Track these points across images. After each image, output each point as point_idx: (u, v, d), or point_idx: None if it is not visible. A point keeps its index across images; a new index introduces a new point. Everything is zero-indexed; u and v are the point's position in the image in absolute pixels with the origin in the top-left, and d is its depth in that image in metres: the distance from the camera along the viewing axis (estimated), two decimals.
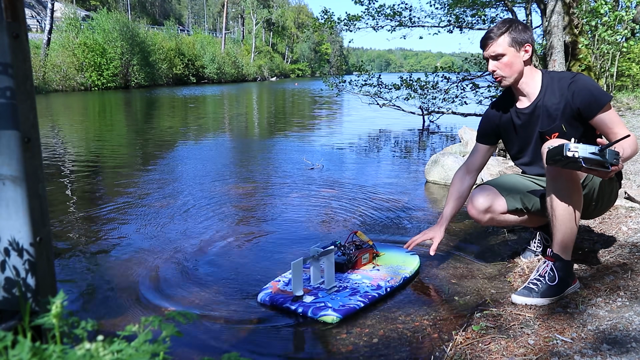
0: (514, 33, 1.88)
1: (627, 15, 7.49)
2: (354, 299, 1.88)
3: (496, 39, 1.90)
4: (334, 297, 1.90)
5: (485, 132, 2.16)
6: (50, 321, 0.62)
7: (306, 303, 1.85)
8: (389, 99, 9.20)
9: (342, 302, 1.85)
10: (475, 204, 2.03)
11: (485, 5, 9.36)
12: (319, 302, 1.85)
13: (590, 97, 1.79)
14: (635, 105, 7.44)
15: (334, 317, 1.76)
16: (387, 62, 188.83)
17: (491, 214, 2.02)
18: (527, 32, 1.90)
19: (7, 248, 0.84)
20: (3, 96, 0.79)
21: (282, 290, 1.94)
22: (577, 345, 1.41)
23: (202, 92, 23.99)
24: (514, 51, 1.90)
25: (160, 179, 4.31)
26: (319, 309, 1.80)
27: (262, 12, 62.22)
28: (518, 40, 1.89)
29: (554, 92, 1.88)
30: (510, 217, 2.06)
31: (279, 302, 1.87)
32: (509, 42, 1.89)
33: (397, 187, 3.98)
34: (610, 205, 2.01)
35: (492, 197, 2.01)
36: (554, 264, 1.78)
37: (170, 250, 2.55)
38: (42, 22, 31.12)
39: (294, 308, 1.83)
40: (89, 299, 2.00)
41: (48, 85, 23.28)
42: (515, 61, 1.91)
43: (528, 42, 1.89)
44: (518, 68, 1.92)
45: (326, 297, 1.89)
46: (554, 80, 1.90)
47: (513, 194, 2.02)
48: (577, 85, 1.82)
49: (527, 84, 1.94)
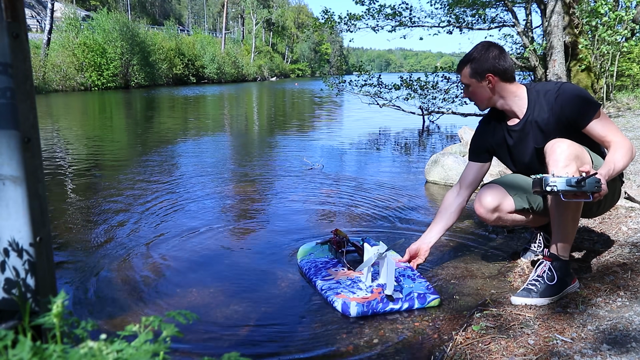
0: (475, 64, 1.90)
1: (627, 15, 7.49)
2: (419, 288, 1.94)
3: (461, 70, 1.95)
4: (411, 286, 1.95)
5: (478, 150, 2.13)
6: (50, 321, 0.62)
7: (403, 298, 1.86)
8: (389, 99, 9.20)
9: (422, 287, 1.94)
10: (483, 202, 2.00)
11: (485, 5, 9.36)
12: (410, 294, 1.88)
13: (579, 107, 1.79)
14: (635, 105, 7.45)
15: (437, 299, 1.88)
16: (387, 62, 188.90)
17: (499, 213, 2.01)
18: (489, 62, 1.87)
19: (7, 248, 0.84)
20: (3, 96, 0.79)
21: (364, 298, 1.86)
22: (577, 345, 1.41)
23: (202, 92, 24.00)
24: (475, 82, 1.93)
25: (160, 179, 4.31)
26: (420, 297, 1.87)
27: (262, 12, 62.22)
28: (478, 71, 1.90)
29: (542, 106, 1.87)
30: (516, 217, 2.05)
31: (377, 308, 1.82)
32: (470, 74, 1.92)
33: (397, 187, 3.98)
34: (614, 204, 2.01)
35: (500, 196, 2.00)
36: (552, 263, 1.79)
37: (170, 249, 2.55)
38: (42, 22, 31.12)
39: (398, 308, 1.84)
40: (89, 299, 2.00)
41: (48, 85, 23.28)
42: (479, 91, 1.94)
43: (489, 72, 1.88)
44: (484, 96, 1.94)
45: (408, 288, 1.93)
46: (539, 94, 1.88)
47: (520, 193, 2.01)
48: (564, 97, 1.81)
49: (510, 103, 1.94)
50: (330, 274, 2.10)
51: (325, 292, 1.95)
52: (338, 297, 1.87)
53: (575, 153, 1.70)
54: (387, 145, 6.64)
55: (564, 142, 1.72)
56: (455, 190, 2.18)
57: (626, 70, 8.64)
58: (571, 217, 1.76)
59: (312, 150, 5.97)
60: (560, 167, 1.67)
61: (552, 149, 1.73)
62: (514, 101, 1.93)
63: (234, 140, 7.36)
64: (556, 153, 1.70)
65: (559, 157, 1.69)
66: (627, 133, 5.08)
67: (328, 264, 2.20)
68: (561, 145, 1.71)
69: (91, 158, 5.58)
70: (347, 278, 2.05)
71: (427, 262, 2.25)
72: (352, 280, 2.02)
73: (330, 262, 2.21)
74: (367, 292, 1.91)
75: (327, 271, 2.13)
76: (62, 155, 5.78)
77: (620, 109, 7.18)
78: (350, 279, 2.03)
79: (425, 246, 2.15)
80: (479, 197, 2.05)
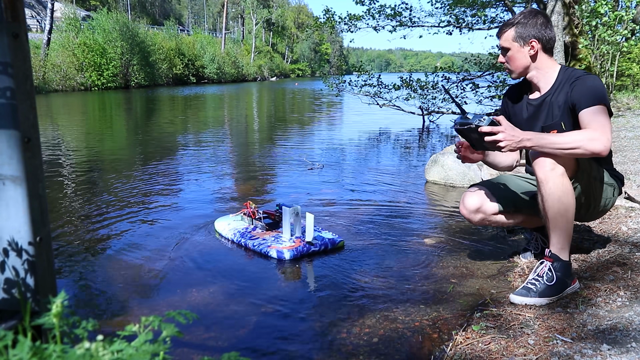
0: (520, 28, 1.86)
1: (627, 15, 7.49)
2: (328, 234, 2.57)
3: (504, 32, 1.90)
4: (322, 235, 2.54)
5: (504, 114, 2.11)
6: (50, 321, 0.62)
7: (319, 243, 2.45)
8: (388, 99, 9.20)
9: (329, 235, 2.56)
10: (465, 203, 2.05)
11: (485, 5, 9.36)
12: (323, 239, 2.49)
13: (583, 93, 1.76)
14: (635, 105, 7.45)
15: (342, 241, 2.56)
16: (387, 62, 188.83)
17: (482, 214, 2.04)
18: (537, 28, 1.85)
19: (6, 248, 0.84)
20: (3, 96, 0.79)
21: (291, 246, 2.41)
22: (577, 345, 1.41)
23: (202, 92, 23.99)
24: (517, 46, 1.88)
25: (160, 179, 4.31)
26: (330, 241, 2.49)
27: (262, 12, 62.21)
28: (523, 35, 1.86)
29: (564, 88, 1.85)
30: (502, 218, 2.06)
31: (304, 251, 2.40)
32: (513, 37, 1.88)
33: (397, 187, 3.98)
34: (606, 210, 1.98)
35: (483, 197, 2.03)
36: (552, 264, 1.78)
37: (170, 249, 2.55)
38: (42, 22, 31.11)
39: (317, 249, 2.44)
40: (89, 299, 2.00)
41: (48, 85, 23.28)
42: (518, 56, 1.89)
43: (534, 37, 1.85)
44: (522, 63, 1.90)
45: (320, 236, 2.52)
46: (568, 79, 1.85)
47: (505, 194, 2.03)
48: (580, 81, 1.79)
49: (539, 78, 1.91)
50: (255, 235, 2.58)
51: (259, 247, 2.46)
52: (270, 248, 2.41)
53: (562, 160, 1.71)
54: (387, 145, 6.64)
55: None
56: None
57: (626, 70, 8.64)
58: (558, 213, 1.72)
59: (312, 150, 5.97)
60: (547, 169, 1.69)
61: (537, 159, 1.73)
62: (544, 75, 1.90)
63: (233, 140, 7.35)
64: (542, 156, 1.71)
65: (545, 159, 1.70)
66: (627, 133, 5.08)
67: (248, 229, 2.67)
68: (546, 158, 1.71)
69: (91, 158, 5.58)
70: (270, 236, 2.55)
71: (426, 262, 2.25)
72: (274, 237, 2.53)
73: (249, 229, 2.69)
74: (291, 242, 2.45)
75: (251, 234, 2.60)
76: (62, 155, 5.78)
77: (620, 109, 7.18)
78: (273, 236, 2.55)
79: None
80: (462, 198, 2.09)
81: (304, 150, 5.96)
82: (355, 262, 2.36)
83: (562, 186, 1.70)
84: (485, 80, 9.14)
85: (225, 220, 2.83)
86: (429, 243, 2.62)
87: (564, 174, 1.70)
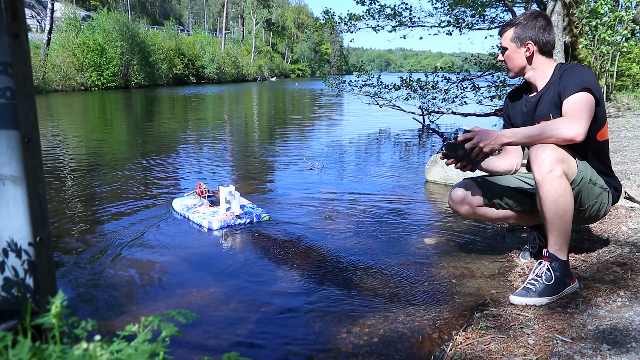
0: (519, 29, 1.91)
1: (627, 16, 7.48)
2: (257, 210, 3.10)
3: (504, 31, 1.96)
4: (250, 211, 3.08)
5: (505, 117, 2.17)
6: (50, 321, 0.62)
7: (246, 218, 2.99)
8: (388, 99, 9.20)
9: (257, 211, 3.09)
10: (451, 194, 2.11)
11: (485, 5, 9.36)
12: (250, 214, 3.02)
13: (568, 82, 1.79)
14: (635, 105, 7.45)
15: (267, 216, 3.08)
16: (387, 62, 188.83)
17: (468, 205, 2.06)
18: (534, 30, 1.89)
19: (6, 248, 0.84)
20: (3, 96, 0.79)
21: (222, 218, 2.93)
22: (577, 345, 1.41)
23: (202, 92, 23.99)
24: (514, 47, 1.93)
25: (160, 179, 4.31)
26: (257, 216, 3.02)
27: (262, 12, 62.21)
28: (520, 36, 1.91)
29: (556, 82, 1.89)
30: (492, 212, 2.08)
31: (231, 223, 2.93)
32: (511, 37, 1.93)
33: (397, 187, 3.98)
34: (598, 217, 1.97)
35: (468, 188, 2.07)
36: (551, 264, 1.78)
37: (170, 249, 2.55)
38: (42, 22, 31.11)
39: (243, 222, 2.96)
40: (89, 299, 2.00)
41: (48, 85, 23.27)
42: (514, 56, 1.95)
43: (531, 40, 1.90)
44: (518, 63, 1.95)
45: (249, 211, 3.07)
46: (560, 71, 1.89)
47: (490, 187, 2.06)
48: (567, 72, 1.84)
49: (537, 77, 1.96)
50: (198, 210, 3.11)
51: (195, 219, 2.99)
52: (204, 220, 2.93)
53: (560, 157, 1.71)
54: (387, 145, 6.64)
55: (548, 147, 1.71)
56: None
57: (626, 70, 8.64)
58: (555, 215, 1.72)
59: (312, 150, 5.97)
60: (545, 171, 1.68)
61: (536, 154, 1.72)
62: (541, 75, 1.95)
63: (233, 140, 7.35)
64: (541, 158, 1.70)
65: (544, 161, 1.69)
66: (627, 133, 5.08)
67: (195, 205, 3.20)
68: (546, 151, 1.71)
69: (91, 158, 5.58)
70: (211, 211, 3.06)
71: (426, 262, 2.25)
72: (213, 212, 3.05)
73: (197, 205, 3.21)
74: (223, 216, 2.95)
75: (195, 209, 3.14)
76: (62, 155, 5.78)
77: (620, 109, 7.18)
78: (212, 211, 3.06)
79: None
80: (450, 190, 2.14)
81: (304, 150, 5.96)
82: (355, 262, 2.36)
83: (560, 188, 1.70)
84: (485, 80, 9.13)
85: (180, 199, 3.36)
86: (429, 243, 2.62)
87: (562, 175, 1.70)
